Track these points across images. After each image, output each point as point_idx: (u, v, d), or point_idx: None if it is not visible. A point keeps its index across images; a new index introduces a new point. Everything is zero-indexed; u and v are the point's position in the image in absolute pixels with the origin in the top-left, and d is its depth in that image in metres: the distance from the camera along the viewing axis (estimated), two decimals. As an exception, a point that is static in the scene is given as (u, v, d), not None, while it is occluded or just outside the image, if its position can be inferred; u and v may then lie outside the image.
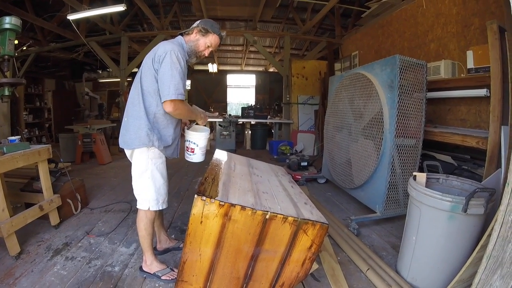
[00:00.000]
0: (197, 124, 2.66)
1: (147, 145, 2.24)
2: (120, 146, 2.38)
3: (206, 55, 2.51)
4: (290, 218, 1.57)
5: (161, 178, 2.36)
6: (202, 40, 2.40)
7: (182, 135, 2.58)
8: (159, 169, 2.34)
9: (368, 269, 2.50)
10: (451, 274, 2.08)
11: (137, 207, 2.36)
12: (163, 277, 2.34)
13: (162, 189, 2.38)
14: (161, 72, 2.12)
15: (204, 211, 1.48)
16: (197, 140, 2.55)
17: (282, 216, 1.56)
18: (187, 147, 2.56)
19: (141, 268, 2.44)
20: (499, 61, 2.76)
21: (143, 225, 2.35)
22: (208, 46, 2.44)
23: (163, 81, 2.11)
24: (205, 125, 2.66)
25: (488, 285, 1.56)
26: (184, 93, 2.16)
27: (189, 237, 1.54)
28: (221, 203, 1.48)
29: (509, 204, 1.51)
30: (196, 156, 2.58)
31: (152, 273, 2.37)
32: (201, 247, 1.57)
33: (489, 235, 1.64)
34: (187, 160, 2.59)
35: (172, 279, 2.32)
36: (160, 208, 2.39)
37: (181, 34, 2.47)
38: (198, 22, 2.43)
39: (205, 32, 2.39)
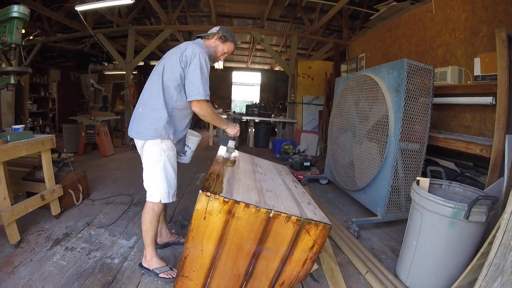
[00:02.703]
0: (225, 133, 2.70)
1: (163, 137, 2.29)
2: (131, 136, 2.41)
3: (221, 60, 2.66)
4: (293, 218, 1.57)
5: (172, 171, 2.40)
6: (221, 47, 2.55)
7: None
8: (171, 162, 2.38)
9: (367, 271, 2.50)
10: (450, 280, 2.08)
11: (148, 199, 2.37)
12: (161, 275, 2.32)
13: (173, 182, 2.41)
14: (190, 72, 2.21)
15: (208, 207, 1.49)
16: (192, 144, 2.74)
17: (285, 215, 1.56)
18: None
19: (140, 264, 2.42)
20: (506, 69, 2.76)
21: (149, 218, 2.34)
22: (225, 53, 2.60)
23: (192, 81, 2.20)
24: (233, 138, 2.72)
25: (488, 292, 1.56)
26: (209, 93, 2.27)
27: (191, 233, 1.54)
28: (225, 199, 1.48)
29: (512, 212, 1.51)
30: (186, 158, 2.78)
31: (150, 269, 2.36)
32: (203, 243, 1.57)
33: (491, 243, 1.64)
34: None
35: (169, 278, 2.30)
36: (171, 201, 2.41)
37: (200, 37, 2.57)
38: (217, 28, 2.54)
39: (224, 39, 2.53)
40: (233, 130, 2.58)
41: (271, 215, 1.54)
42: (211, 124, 9.35)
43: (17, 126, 2.92)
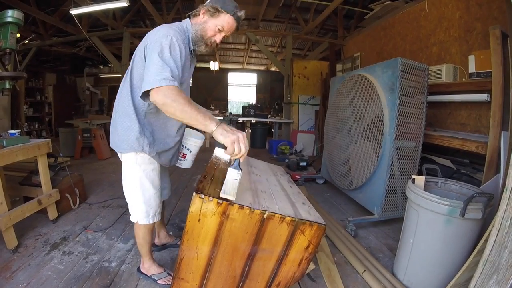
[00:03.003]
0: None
1: (136, 150, 1.92)
2: (111, 146, 2.07)
3: (218, 41, 2.00)
4: (287, 218, 1.57)
5: (151, 188, 2.07)
6: (211, 23, 1.90)
7: None
8: (149, 177, 2.04)
9: (365, 270, 2.50)
10: (447, 278, 2.09)
11: (130, 219, 2.18)
12: (159, 281, 2.29)
13: (152, 200, 2.10)
14: (148, 59, 1.68)
15: (202, 209, 1.48)
16: (192, 146, 2.38)
17: (280, 215, 1.56)
18: (179, 152, 2.37)
19: (138, 269, 2.41)
20: (500, 66, 2.77)
21: (141, 234, 2.20)
22: (220, 30, 1.93)
23: (148, 67, 1.62)
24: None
25: (484, 289, 1.57)
26: (174, 78, 1.59)
27: (186, 235, 1.54)
28: (219, 201, 1.48)
29: (506, 209, 1.52)
30: (186, 162, 2.45)
31: (149, 275, 2.34)
32: (199, 245, 1.57)
33: (486, 240, 1.64)
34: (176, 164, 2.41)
35: (167, 284, 2.27)
36: (151, 222, 2.14)
37: (189, 17, 2.00)
38: (209, 0, 1.92)
39: (214, 11, 1.87)
40: (228, 139, 1.50)
41: (265, 216, 1.54)
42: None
43: (13, 131, 2.92)
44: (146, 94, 1.61)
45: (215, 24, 1.90)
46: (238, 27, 2.03)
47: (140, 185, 2.03)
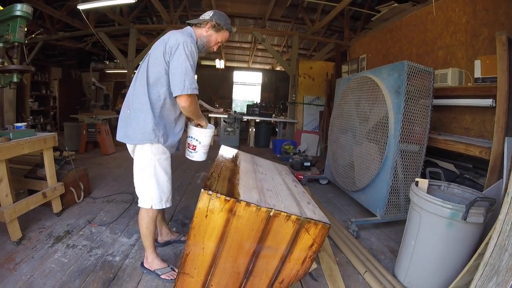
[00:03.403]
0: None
1: (152, 141, 2.14)
2: (120, 140, 2.25)
3: (215, 50, 2.43)
4: (293, 217, 1.59)
5: (164, 175, 2.26)
6: (214, 37, 2.32)
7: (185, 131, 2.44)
8: (162, 166, 2.24)
9: (366, 271, 2.52)
10: (448, 281, 2.10)
11: (139, 205, 2.28)
12: (162, 276, 2.31)
13: (165, 187, 2.28)
14: (173, 65, 2.00)
15: (210, 206, 1.50)
16: (200, 136, 2.38)
17: (285, 214, 1.58)
18: (188, 143, 2.42)
19: (142, 264, 2.43)
20: (506, 72, 2.78)
21: (144, 223, 2.28)
22: (218, 42, 2.37)
23: (176, 75, 1.99)
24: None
25: (484, 292, 1.58)
26: (197, 88, 2.07)
27: (193, 230, 1.56)
28: (226, 198, 1.49)
29: (507, 213, 1.54)
30: (197, 154, 2.43)
31: (152, 270, 2.36)
32: (205, 241, 1.59)
33: (487, 244, 1.66)
34: (187, 158, 2.47)
35: (171, 279, 2.29)
36: (163, 207, 2.30)
37: (189, 24, 2.34)
38: (211, 14, 2.29)
39: (218, 28, 2.29)
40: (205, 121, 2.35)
41: (271, 214, 1.56)
42: (212, 121, 9.36)
43: (19, 124, 2.94)
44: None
45: (216, 37, 2.34)
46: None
47: (154, 173, 2.21)
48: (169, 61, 2.03)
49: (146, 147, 2.16)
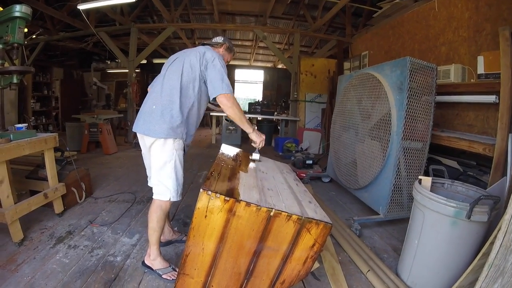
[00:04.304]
0: (250, 142, 2.67)
1: (177, 136, 2.29)
2: (140, 132, 2.37)
3: None
4: (294, 216, 1.57)
5: (181, 169, 2.42)
6: (227, 56, 2.75)
7: None
8: (180, 160, 2.40)
9: (369, 270, 2.50)
10: (451, 280, 2.08)
11: (156, 197, 2.36)
12: (163, 276, 2.32)
13: (181, 180, 2.44)
14: (213, 72, 2.27)
15: (209, 206, 1.49)
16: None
17: (286, 213, 1.56)
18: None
19: (143, 262, 2.43)
20: (509, 68, 2.75)
21: (156, 217, 2.33)
22: (227, 61, 2.74)
23: (216, 79, 2.25)
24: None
25: (489, 293, 1.56)
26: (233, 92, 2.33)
27: (192, 231, 1.55)
28: (226, 198, 1.48)
29: (513, 213, 1.51)
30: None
31: (154, 269, 2.36)
32: (204, 241, 1.58)
33: (492, 243, 1.63)
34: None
35: (172, 279, 2.30)
36: (179, 199, 2.45)
37: (205, 44, 2.63)
38: (222, 39, 2.74)
39: (230, 51, 2.78)
40: (258, 138, 2.58)
41: (272, 213, 1.54)
42: (214, 122, 9.37)
43: (20, 125, 2.94)
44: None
45: (227, 58, 2.77)
46: None
47: (175, 166, 2.35)
48: (204, 70, 2.31)
49: (169, 141, 2.29)
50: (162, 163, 2.32)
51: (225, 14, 9.46)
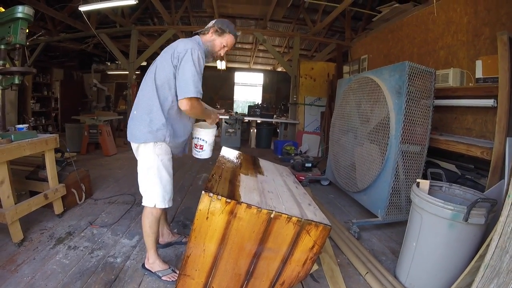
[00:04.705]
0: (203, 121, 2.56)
1: (158, 139, 2.21)
2: (128, 139, 2.32)
3: (222, 55, 2.50)
4: (294, 218, 1.59)
5: (167, 175, 2.32)
6: (218, 40, 2.39)
7: None
8: (165, 166, 2.30)
9: (367, 272, 2.51)
10: (449, 282, 2.10)
11: (143, 204, 2.32)
12: (163, 278, 2.32)
13: (168, 186, 2.34)
14: (181, 69, 2.09)
15: (210, 208, 1.51)
16: (206, 136, 2.53)
17: (286, 216, 1.58)
18: (195, 144, 2.56)
19: (143, 265, 2.43)
20: (507, 72, 2.77)
21: (148, 223, 2.31)
22: (224, 46, 2.43)
23: (182, 79, 2.08)
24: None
25: (485, 293, 1.58)
26: (202, 92, 2.15)
27: (194, 232, 1.56)
28: (227, 200, 1.50)
29: (509, 215, 1.53)
30: (205, 152, 2.58)
31: (153, 271, 2.36)
32: (205, 243, 1.59)
33: (488, 245, 1.66)
34: (195, 157, 2.61)
35: (172, 280, 2.29)
36: (167, 206, 2.35)
37: (197, 34, 2.45)
38: (213, 21, 2.41)
39: (221, 32, 2.38)
40: (213, 121, 2.52)
41: (272, 215, 1.56)
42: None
43: (21, 126, 2.94)
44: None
45: (221, 42, 2.40)
46: (235, 43, 2.59)
47: (157, 172, 2.26)
48: (177, 66, 2.11)
49: (149, 146, 2.22)
50: (145, 169, 2.29)
51: (225, 17, 9.46)
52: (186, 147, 2.58)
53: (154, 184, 2.28)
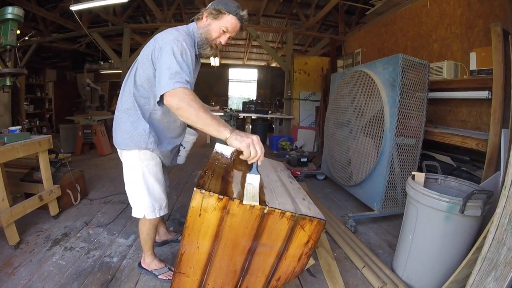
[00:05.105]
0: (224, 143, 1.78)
1: (140, 146, 1.95)
2: (114, 144, 2.08)
3: (223, 43, 2.02)
4: (287, 213, 1.58)
5: (155, 182, 2.09)
6: (215, 25, 1.92)
7: None
8: (151, 172, 2.06)
9: (364, 266, 2.52)
10: (446, 274, 2.10)
11: (132, 215, 2.15)
12: (160, 276, 2.31)
13: (157, 194, 2.12)
14: (159, 62, 1.69)
15: (203, 204, 1.49)
16: (187, 143, 2.50)
17: (280, 211, 1.56)
18: None
19: (139, 264, 2.43)
20: (501, 64, 2.77)
21: (145, 230, 2.21)
22: (224, 31, 1.95)
23: (160, 72, 1.65)
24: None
25: (482, 286, 1.58)
26: (189, 81, 1.64)
27: (187, 230, 1.55)
28: (219, 196, 1.48)
29: (505, 207, 1.53)
30: (180, 158, 2.52)
31: (149, 270, 2.35)
32: (199, 240, 1.58)
33: (485, 237, 1.65)
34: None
35: (168, 279, 2.28)
36: (157, 216, 2.15)
37: (193, 20, 2.05)
38: (210, 4, 1.96)
39: (216, 13, 1.90)
40: (243, 142, 1.52)
41: (265, 211, 1.55)
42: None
43: (14, 128, 2.92)
44: (161, 98, 1.63)
45: (219, 26, 1.92)
46: (242, 27, 2.03)
47: (143, 180, 2.04)
48: (155, 61, 1.77)
49: (133, 153, 1.98)
50: (129, 177, 2.07)
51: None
52: (176, 157, 2.35)
53: (140, 194, 2.08)
